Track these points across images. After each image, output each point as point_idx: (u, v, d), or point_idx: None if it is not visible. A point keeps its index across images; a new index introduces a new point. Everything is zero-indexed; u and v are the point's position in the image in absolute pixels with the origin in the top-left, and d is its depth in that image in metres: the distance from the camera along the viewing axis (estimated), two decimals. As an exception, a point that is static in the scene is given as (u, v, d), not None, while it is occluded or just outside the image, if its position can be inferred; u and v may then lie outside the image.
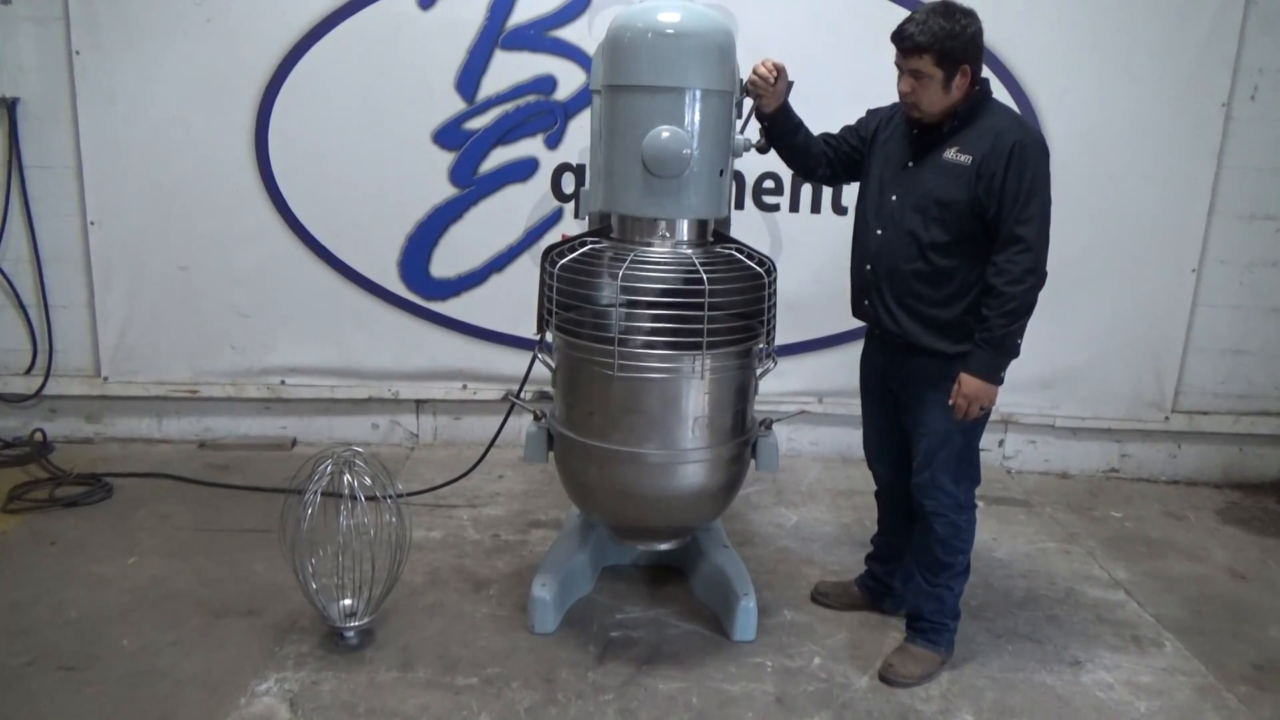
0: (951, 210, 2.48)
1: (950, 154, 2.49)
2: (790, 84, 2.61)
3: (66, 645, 2.65)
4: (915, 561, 2.74)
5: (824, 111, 2.95)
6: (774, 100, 2.65)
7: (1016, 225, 2.42)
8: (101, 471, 3.75)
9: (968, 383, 2.47)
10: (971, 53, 2.45)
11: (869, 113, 2.78)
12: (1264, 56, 3.85)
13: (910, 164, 2.57)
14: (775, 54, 3.71)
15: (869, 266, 2.65)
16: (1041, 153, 2.48)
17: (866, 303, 2.69)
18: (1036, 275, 2.46)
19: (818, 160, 2.76)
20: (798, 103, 2.89)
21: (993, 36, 3.72)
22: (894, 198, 2.58)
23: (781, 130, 2.70)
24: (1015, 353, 2.48)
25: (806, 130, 2.74)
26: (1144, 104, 3.86)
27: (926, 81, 2.44)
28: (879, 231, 2.61)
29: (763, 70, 2.60)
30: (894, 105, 2.70)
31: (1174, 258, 4.04)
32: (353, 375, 4.13)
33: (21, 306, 4.01)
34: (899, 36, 2.46)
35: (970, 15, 2.45)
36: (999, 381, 2.48)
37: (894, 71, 2.61)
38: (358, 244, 4.00)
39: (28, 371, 4.07)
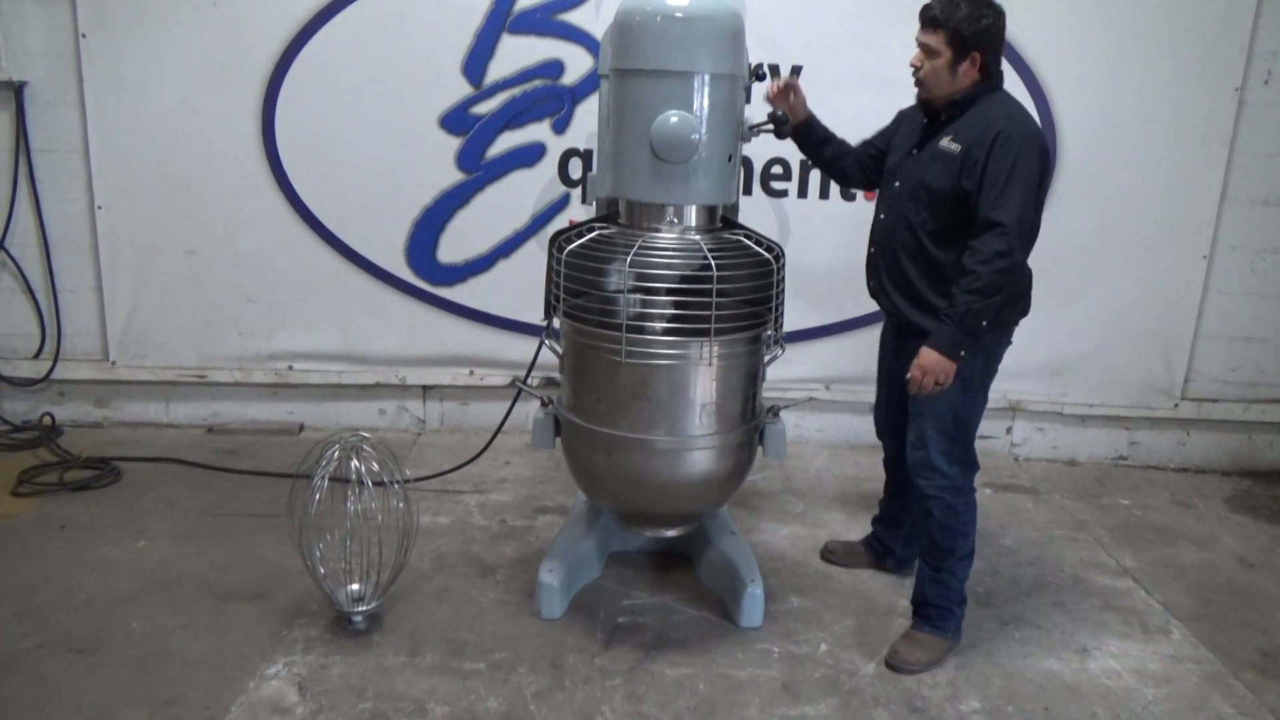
0: (938, 196, 2.52)
1: (944, 142, 2.54)
2: (794, 70, 2.61)
3: (76, 628, 2.67)
4: (919, 549, 2.77)
5: (833, 95, 2.94)
6: (794, 115, 2.79)
7: (993, 210, 2.40)
8: (110, 456, 3.77)
9: (924, 354, 2.47)
10: (985, 42, 2.48)
11: (898, 114, 2.84)
12: (1278, 40, 3.81)
13: (914, 152, 2.65)
14: (784, 38, 3.73)
15: (872, 249, 2.78)
16: (1028, 145, 2.43)
17: (873, 284, 2.82)
18: (1007, 260, 2.40)
19: (851, 168, 2.89)
20: (807, 85, 2.88)
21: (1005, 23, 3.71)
22: (896, 184, 2.68)
23: (809, 143, 2.84)
24: (976, 333, 2.45)
25: (838, 141, 2.86)
26: (1156, 88, 3.82)
27: (934, 58, 2.51)
28: (882, 216, 2.73)
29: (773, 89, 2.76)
30: (916, 105, 2.75)
31: (1185, 244, 4.01)
32: (360, 361, 4.14)
33: (30, 290, 4.02)
34: (922, 10, 2.53)
35: (995, 9, 2.49)
36: (957, 358, 2.46)
37: (904, 56, 2.62)
38: (364, 229, 3.99)
39: (36, 355, 4.08)
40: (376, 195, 3.93)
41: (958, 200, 2.48)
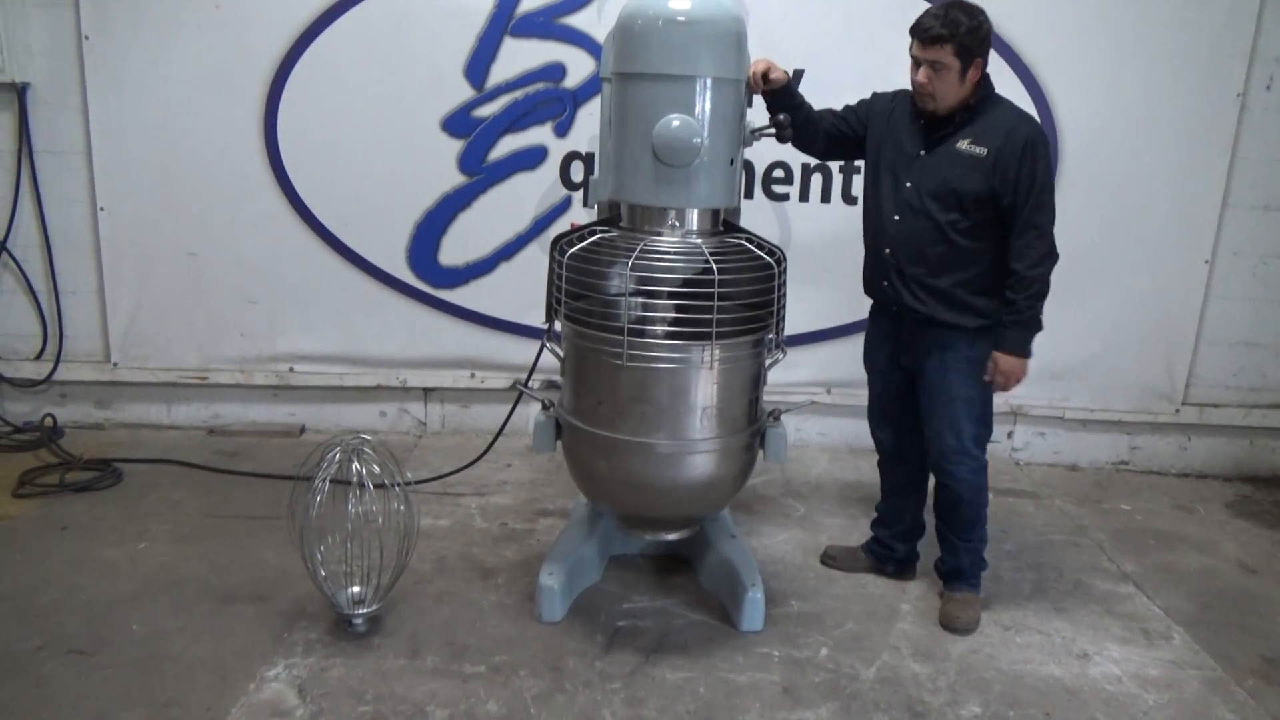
0: (969, 198, 2.65)
1: (964, 145, 2.63)
2: (796, 74, 2.59)
3: (77, 629, 2.67)
4: (947, 527, 2.94)
5: (835, 98, 2.94)
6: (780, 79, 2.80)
7: (1034, 214, 2.62)
8: (111, 457, 3.77)
9: (1004, 360, 2.70)
10: (985, 47, 2.61)
11: (874, 95, 2.88)
12: (1280, 46, 3.82)
13: (922, 153, 2.70)
14: (786, 41, 3.74)
15: (888, 250, 2.78)
16: (1047, 144, 2.66)
17: (886, 284, 2.82)
18: (1052, 257, 2.68)
19: (815, 135, 2.90)
20: (807, 90, 2.90)
21: (1006, 26, 3.73)
22: (908, 185, 2.71)
23: (781, 107, 2.82)
24: (1040, 327, 2.71)
25: (808, 107, 2.88)
26: (1158, 94, 3.82)
27: (944, 72, 2.57)
28: (896, 218, 2.74)
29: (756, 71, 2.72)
30: (896, 93, 2.81)
31: (1187, 249, 4.01)
32: (361, 363, 4.14)
33: (32, 292, 4.02)
34: (920, 29, 2.58)
35: (983, 12, 2.61)
36: (1029, 355, 2.72)
37: (904, 61, 2.65)
38: (366, 232, 3.99)
39: (38, 357, 4.09)
40: (378, 197, 3.93)
41: (990, 200, 2.63)
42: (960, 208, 2.64)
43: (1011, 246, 2.64)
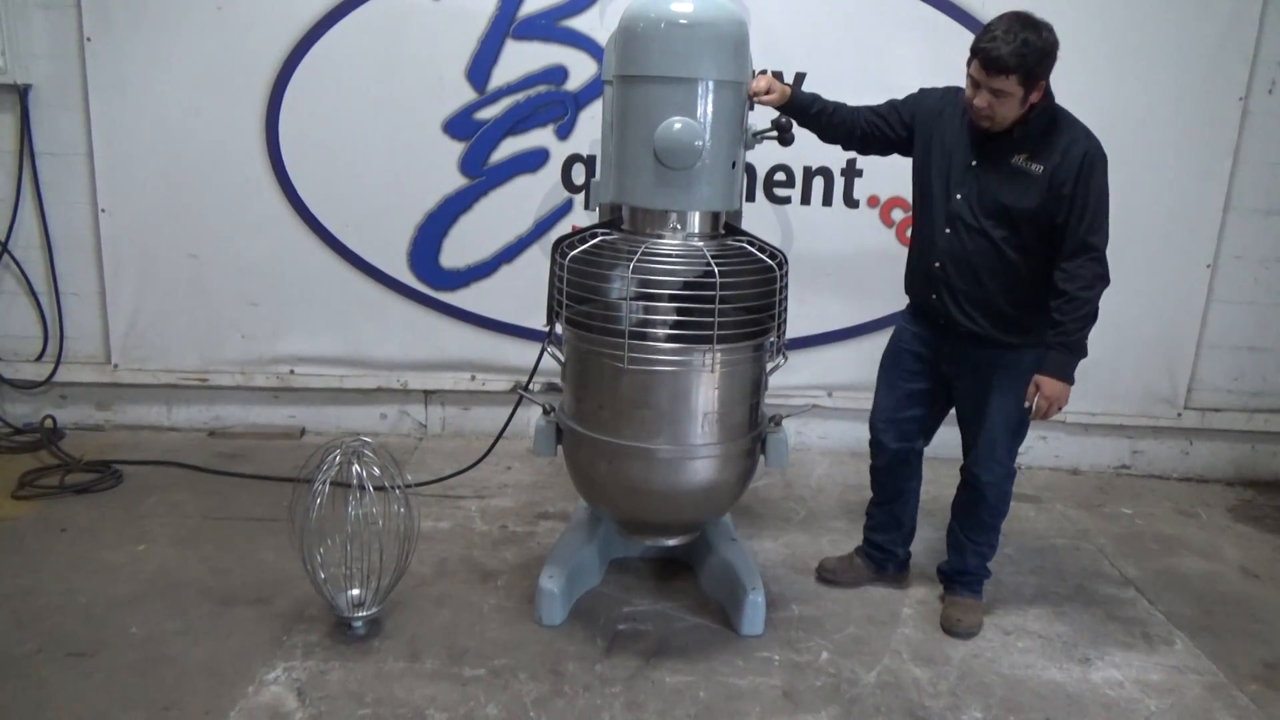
0: (1024, 215, 2.56)
1: (1019, 160, 2.55)
2: (797, 77, 2.55)
3: (76, 631, 2.66)
4: (961, 526, 2.92)
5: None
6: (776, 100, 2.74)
7: (1089, 234, 2.51)
8: (111, 459, 3.77)
9: (1048, 385, 2.59)
10: (1051, 67, 2.50)
11: (921, 92, 2.81)
12: (1283, 49, 3.81)
13: (974, 163, 2.62)
14: (787, 44, 3.74)
15: (938, 264, 2.71)
16: (1104, 161, 2.55)
17: (935, 297, 2.75)
18: (1105, 281, 2.56)
19: (849, 135, 2.84)
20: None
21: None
22: (959, 196, 2.65)
23: (800, 118, 2.79)
24: (1085, 353, 2.58)
25: (829, 108, 2.81)
26: (1160, 97, 3.82)
27: (1005, 99, 2.48)
28: (947, 230, 2.68)
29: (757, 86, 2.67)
30: (946, 91, 2.74)
31: (1188, 253, 4.00)
32: (361, 365, 4.13)
33: (33, 293, 4.02)
34: (984, 54, 2.45)
35: (1051, 28, 2.49)
36: (1073, 381, 2.60)
37: (906, 63, 2.64)
38: (367, 234, 3.99)
39: (38, 358, 4.09)
40: (380, 200, 3.94)
41: (1043, 218, 2.55)
42: (1012, 225, 2.57)
43: (1063, 266, 2.52)
